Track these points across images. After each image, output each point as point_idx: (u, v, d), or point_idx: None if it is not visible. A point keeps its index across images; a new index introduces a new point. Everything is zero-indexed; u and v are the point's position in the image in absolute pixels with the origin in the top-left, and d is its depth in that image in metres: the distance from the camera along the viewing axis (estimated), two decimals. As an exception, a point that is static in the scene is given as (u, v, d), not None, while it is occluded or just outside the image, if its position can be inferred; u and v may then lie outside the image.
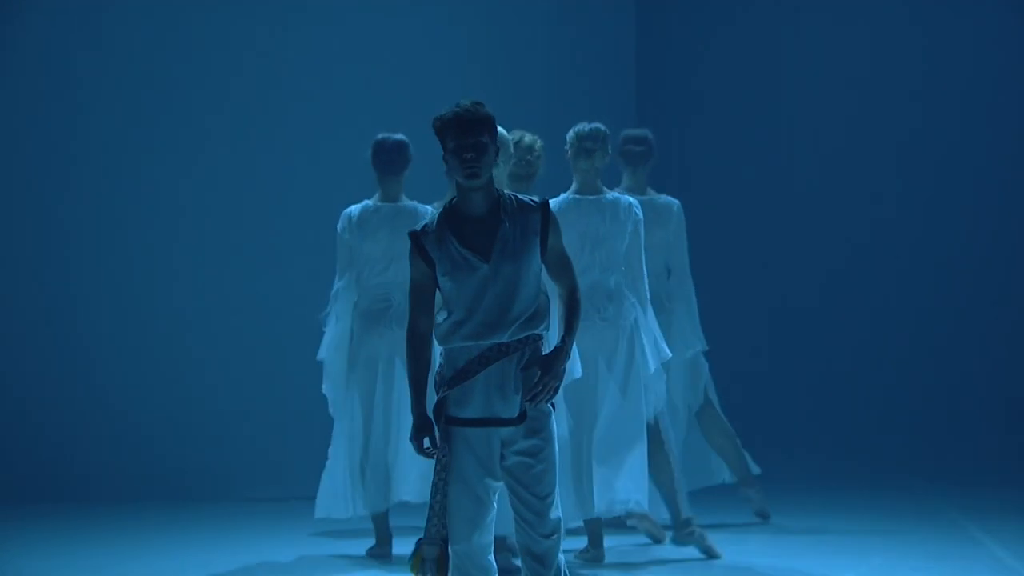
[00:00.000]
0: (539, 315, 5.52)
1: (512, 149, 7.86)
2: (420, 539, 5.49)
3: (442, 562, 5.46)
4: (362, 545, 8.99)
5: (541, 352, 5.55)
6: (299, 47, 12.11)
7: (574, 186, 8.43)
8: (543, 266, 5.57)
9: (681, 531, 8.52)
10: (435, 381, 5.54)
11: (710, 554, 8.49)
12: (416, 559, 5.48)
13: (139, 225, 11.78)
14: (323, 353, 8.93)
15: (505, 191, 5.62)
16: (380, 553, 8.79)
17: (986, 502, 10.73)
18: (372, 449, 8.76)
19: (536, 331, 5.50)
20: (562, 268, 5.60)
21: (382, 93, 12.16)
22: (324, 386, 8.93)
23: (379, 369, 8.78)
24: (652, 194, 9.42)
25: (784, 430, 13.28)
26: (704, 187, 13.61)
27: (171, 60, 11.87)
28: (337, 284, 8.90)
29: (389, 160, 8.96)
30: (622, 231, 8.29)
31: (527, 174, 8.31)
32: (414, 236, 5.55)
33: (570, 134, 8.42)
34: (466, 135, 5.44)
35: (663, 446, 8.52)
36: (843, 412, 13.59)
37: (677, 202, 9.44)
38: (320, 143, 12.05)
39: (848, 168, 13.95)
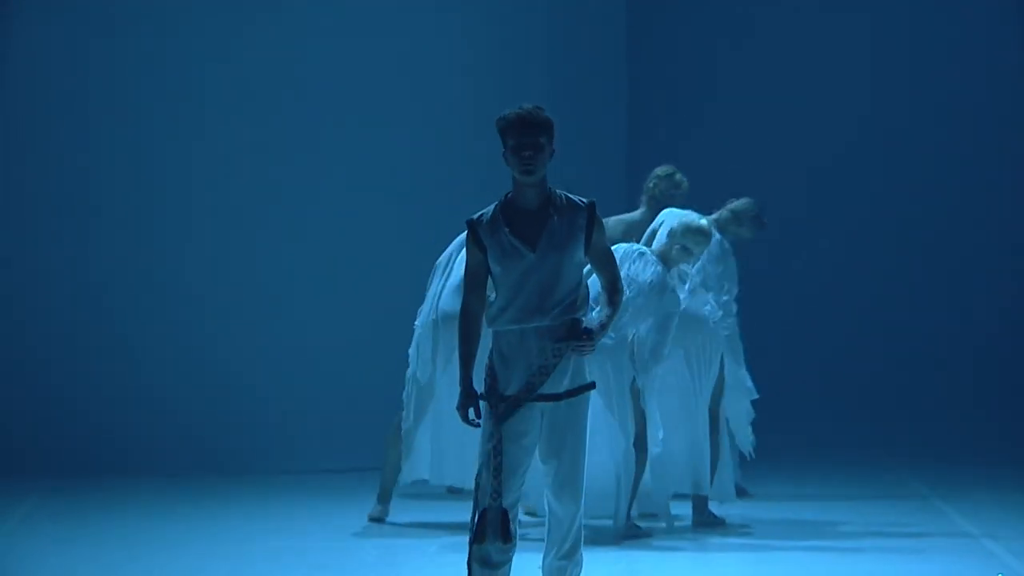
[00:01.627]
0: (579, 303, 5.97)
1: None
2: (482, 510, 5.87)
3: (504, 525, 5.84)
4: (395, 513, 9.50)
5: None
6: (304, 48, 12.44)
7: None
8: (587, 259, 6.00)
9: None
10: (486, 373, 5.95)
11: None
12: (481, 530, 5.87)
13: (177, 211, 12.15)
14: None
15: (557, 189, 6.08)
16: (379, 515, 9.36)
17: (950, 475, 11.36)
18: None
19: (576, 316, 5.95)
20: (604, 262, 6.07)
21: (385, 91, 12.54)
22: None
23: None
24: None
25: (762, 406, 13.84)
26: (696, 182, 14.07)
27: (196, 56, 12.26)
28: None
29: None
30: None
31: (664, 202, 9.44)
32: (470, 224, 6.02)
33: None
34: (526, 135, 5.90)
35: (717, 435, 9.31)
36: (819, 389, 13.99)
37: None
38: (330, 137, 12.42)
39: (837, 164, 14.32)
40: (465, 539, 6.06)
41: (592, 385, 6.04)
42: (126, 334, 12.04)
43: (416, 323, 9.36)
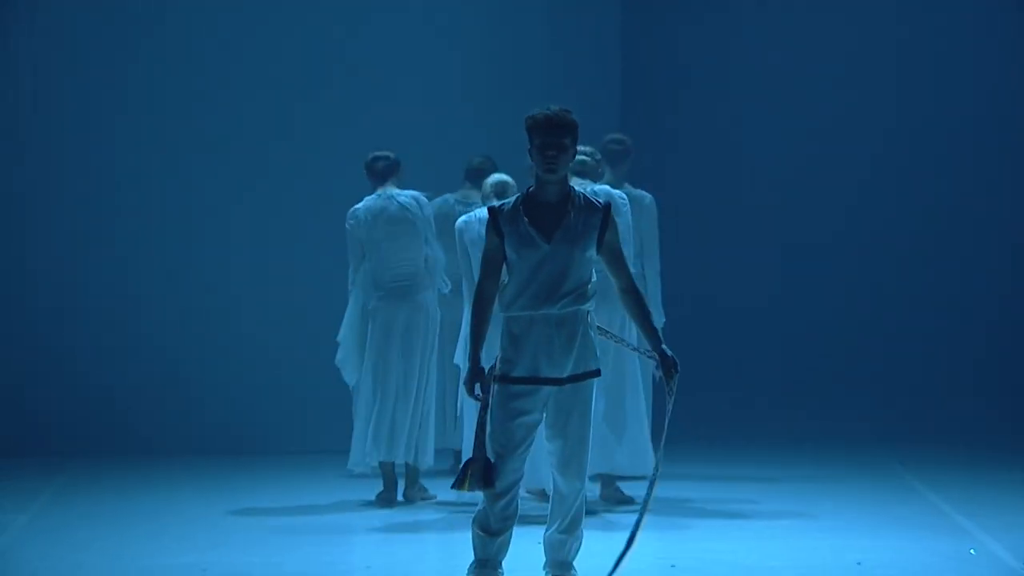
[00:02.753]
0: (587, 295, 6.31)
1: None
2: (467, 460, 6.28)
3: (487, 474, 6.19)
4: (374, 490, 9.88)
5: (589, 323, 6.29)
6: (303, 47, 12.65)
7: (572, 181, 9.41)
8: (599, 258, 6.32)
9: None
10: (498, 358, 6.30)
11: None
12: (463, 478, 6.22)
13: (191, 208, 12.44)
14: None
15: (576, 188, 6.42)
16: (388, 498, 9.75)
17: (923, 455, 11.66)
18: (383, 408, 9.69)
19: (583, 307, 6.30)
20: (616, 261, 6.39)
21: (386, 91, 12.77)
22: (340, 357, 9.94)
23: (399, 339, 9.73)
24: (628, 188, 10.20)
25: (742, 386, 14.09)
26: (687, 178, 14.23)
27: (194, 57, 12.48)
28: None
29: (382, 171, 9.89)
30: None
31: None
32: (491, 211, 6.37)
33: None
34: (551, 135, 6.25)
35: None
36: (798, 371, 14.24)
37: (650, 196, 10.31)
38: (330, 133, 12.63)
39: (820, 157, 14.48)
40: (466, 514, 6.48)
41: (597, 372, 6.38)
42: (151, 325, 12.37)
43: (339, 337, 9.91)
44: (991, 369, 14.13)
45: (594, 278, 6.40)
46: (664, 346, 6.39)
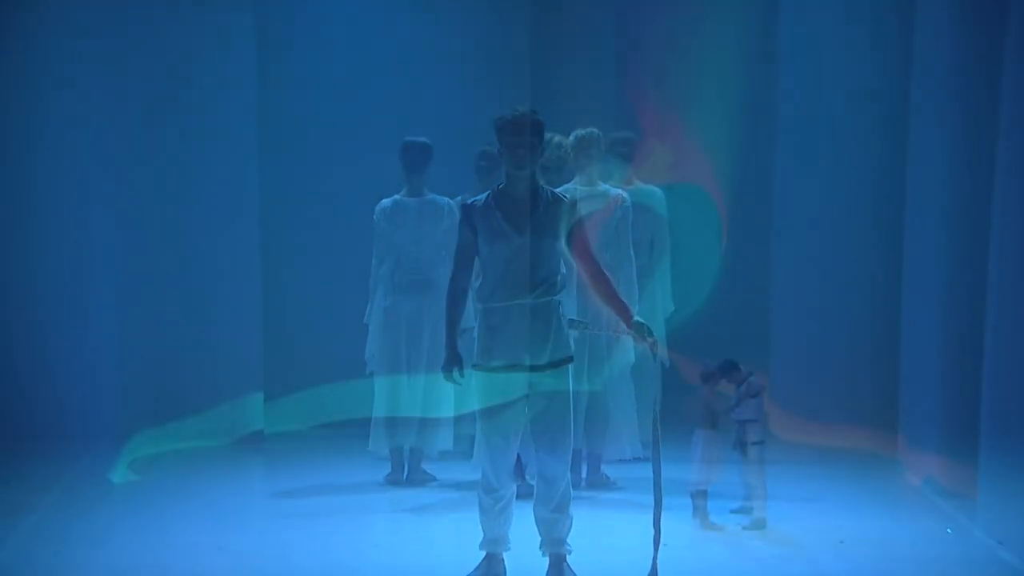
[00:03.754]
0: (558, 284, 6.66)
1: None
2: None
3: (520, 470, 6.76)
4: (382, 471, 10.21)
5: (561, 313, 6.62)
6: (296, 48, 12.95)
7: (576, 179, 9.56)
8: (567, 249, 6.65)
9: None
10: (476, 350, 6.63)
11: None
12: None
13: (211, 196, 12.52)
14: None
15: (543, 184, 6.76)
16: (395, 479, 10.09)
17: (906, 438, 11.55)
18: (394, 396, 10.03)
19: (555, 297, 6.65)
20: (583, 252, 6.72)
21: (387, 94, 12.95)
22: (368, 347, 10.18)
23: (405, 331, 10.04)
24: (638, 184, 10.49)
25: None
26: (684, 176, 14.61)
27: (204, 59, 12.57)
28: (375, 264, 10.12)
29: (415, 159, 10.03)
30: (611, 217, 9.31)
31: (557, 167, 9.40)
32: (464, 207, 6.72)
33: (571, 138, 9.47)
34: (520, 135, 6.63)
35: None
36: (787, 361, 14.00)
37: (660, 190, 10.59)
38: (328, 133, 12.88)
39: (819, 154, 14.14)
40: (468, 495, 6.76)
41: (571, 358, 6.72)
42: (165, 315, 12.51)
43: (366, 320, 10.15)
44: (978, 359, 14.32)
45: (563, 270, 6.72)
46: (637, 318, 6.68)
